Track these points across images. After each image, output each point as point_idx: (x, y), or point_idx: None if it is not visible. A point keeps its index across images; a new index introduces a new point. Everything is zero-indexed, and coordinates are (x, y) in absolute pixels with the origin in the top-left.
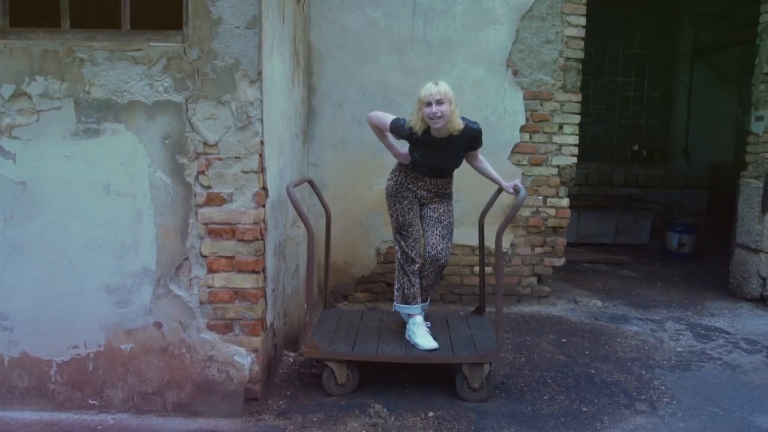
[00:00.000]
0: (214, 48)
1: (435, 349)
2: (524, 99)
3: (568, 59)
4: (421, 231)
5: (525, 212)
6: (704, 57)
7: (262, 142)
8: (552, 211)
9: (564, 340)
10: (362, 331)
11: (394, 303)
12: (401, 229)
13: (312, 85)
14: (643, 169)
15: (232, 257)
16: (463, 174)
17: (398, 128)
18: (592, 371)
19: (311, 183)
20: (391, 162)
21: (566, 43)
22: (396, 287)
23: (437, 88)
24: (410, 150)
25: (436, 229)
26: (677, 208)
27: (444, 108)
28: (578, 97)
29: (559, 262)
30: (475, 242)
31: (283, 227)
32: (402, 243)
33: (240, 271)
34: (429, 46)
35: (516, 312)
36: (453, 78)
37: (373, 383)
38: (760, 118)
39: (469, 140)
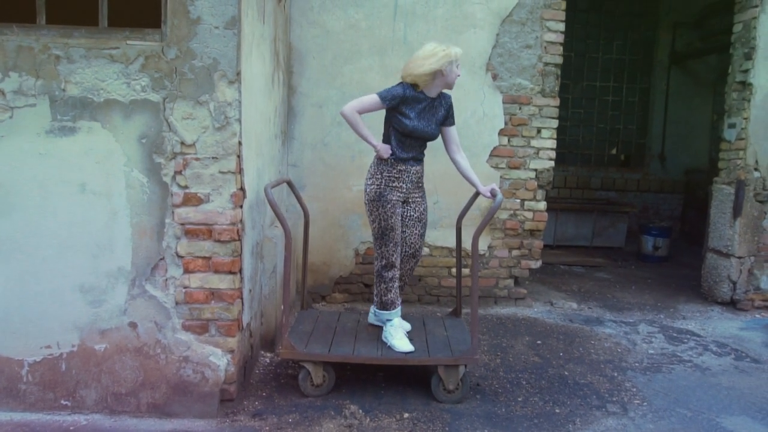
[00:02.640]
0: (193, 48)
1: (410, 352)
2: (503, 103)
3: (547, 64)
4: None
5: (502, 215)
6: (681, 64)
7: (240, 143)
8: (529, 214)
9: (539, 341)
10: (339, 332)
11: (372, 307)
12: (383, 235)
13: (292, 86)
14: (620, 173)
15: (209, 258)
16: (442, 175)
17: (390, 94)
18: (566, 373)
19: (290, 184)
20: (369, 163)
21: (545, 48)
22: (375, 292)
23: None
24: (395, 129)
25: (416, 229)
26: (653, 211)
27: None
28: (556, 102)
29: (536, 264)
30: (453, 244)
31: (261, 228)
32: (383, 248)
33: (216, 271)
34: (410, 49)
35: (493, 314)
36: None
37: (349, 384)
38: (732, 126)
39: (446, 108)
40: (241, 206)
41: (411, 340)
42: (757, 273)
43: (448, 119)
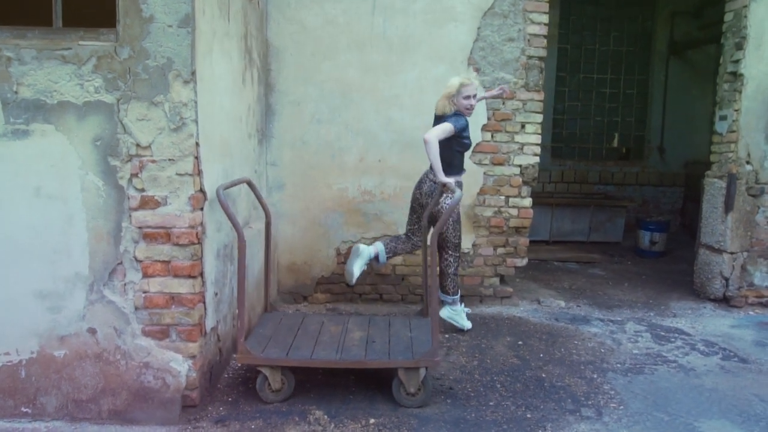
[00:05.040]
0: (146, 47)
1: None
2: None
3: (530, 57)
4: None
5: (487, 212)
6: (680, 54)
7: (197, 144)
8: (514, 211)
9: (520, 342)
10: (300, 336)
11: (450, 298)
12: (457, 248)
13: (270, 83)
14: (619, 167)
15: (168, 261)
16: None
17: (458, 122)
18: (544, 375)
19: (249, 184)
20: (350, 161)
21: (529, 41)
22: (451, 287)
23: (476, 83)
24: (456, 148)
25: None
26: (653, 205)
27: (476, 102)
28: (541, 96)
29: (522, 262)
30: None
31: (231, 229)
32: (455, 257)
33: (176, 275)
34: (389, 44)
35: (477, 313)
36: (413, 76)
37: (319, 388)
38: (723, 118)
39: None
40: (202, 209)
41: (373, 342)
42: (751, 269)
43: None
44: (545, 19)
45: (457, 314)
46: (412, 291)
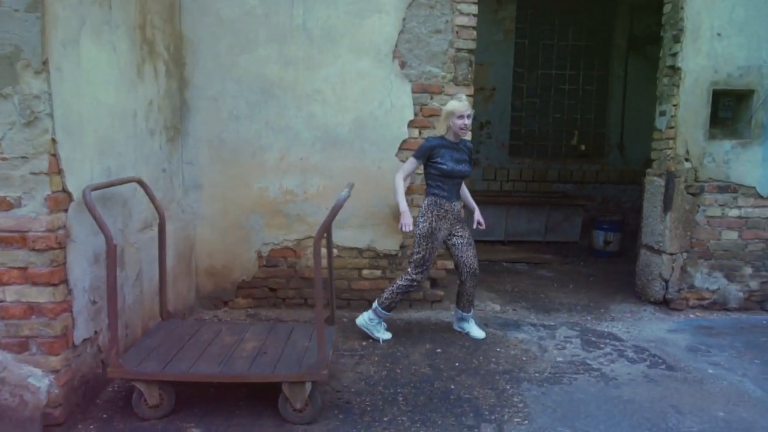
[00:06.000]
0: None
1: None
2: (413, 92)
3: (459, 50)
4: (457, 256)
5: (415, 212)
6: (639, 50)
7: (53, 140)
8: None
9: (439, 350)
10: (189, 346)
11: (376, 306)
12: (423, 263)
13: (185, 77)
14: (578, 165)
15: (25, 268)
16: (349, 171)
17: (426, 147)
18: (453, 387)
19: (140, 183)
20: (270, 159)
21: (457, 32)
22: (385, 296)
23: (466, 103)
24: (431, 172)
25: (469, 251)
26: (613, 203)
27: (470, 122)
28: (470, 90)
29: (452, 265)
30: (362, 244)
31: (121, 232)
32: (419, 274)
33: (34, 283)
34: (310, 36)
35: (404, 318)
36: (336, 70)
37: (204, 403)
38: (663, 113)
39: (467, 150)
40: (66, 210)
41: (264, 353)
42: (691, 270)
43: (469, 158)
44: (474, 9)
45: (372, 325)
46: (338, 296)
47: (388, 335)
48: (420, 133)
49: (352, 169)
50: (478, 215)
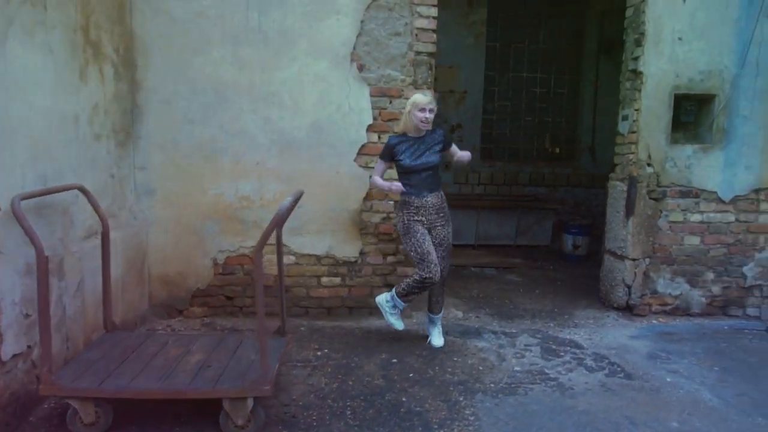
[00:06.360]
0: None
1: (402, 329)
2: (371, 96)
3: (418, 53)
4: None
5: (375, 218)
6: (610, 53)
7: None
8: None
9: (395, 360)
10: (131, 360)
11: (393, 292)
12: (422, 259)
13: (136, 80)
14: (550, 168)
15: None
16: (305, 177)
17: (387, 146)
18: (404, 399)
19: (82, 190)
20: (226, 164)
21: (416, 35)
22: (403, 286)
23: (431, 98)
24: (397, 170)
25: (438, 251)
26: (585, 207)
27: (432, 115)
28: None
29: (413, 271)
30: (320, 251)
31: (60, 242)
32: (426, 272)
33: None
34: (265, 38)
35: (364, 326)
36: (293, 72)
37: (146, 419)
38: (625, 118)
39: (440, 140)
40: None
41: (208, 367)
42: (654, 276)
43: (445, 147)
44: (434, 12)
45: (388, 307)
46: (296, 303)
47: (400, 325)
48: (379, 137)
49: (310, 174)
50: (459, 155)
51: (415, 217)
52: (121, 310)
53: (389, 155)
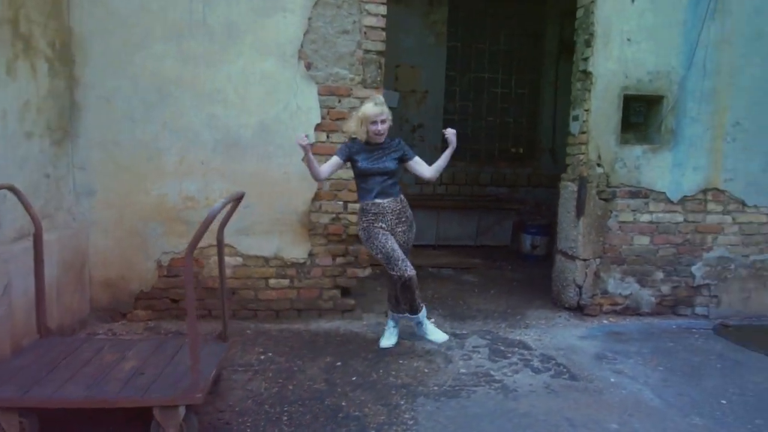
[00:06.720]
0: None
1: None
2: (319, 95)
3: (367, 51)
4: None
5: (324, 219)
6: (569, 55)
7: None
8: (354, 218)
9: (339, 363)
10: (61, 367)
11: (415, 318)
12: (389, 259)
13: (74, 76)
14: (512, 168)
15: None
16: (252, 177)
17: (347, 145)
18: (344, 403)
19: (13, 189)
20: (169, 163)
21: (365, 33)
22: (403, 302)
23: (383, 108)
24: (354, 174)
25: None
26: (545, 207)
27: (386, 126)
28: (379, 93)
29: (364, 272)
30: (269, 253)
31: None
32: (396, 269)
33: None
34: (210, 33)
35: (312, 329)
36: (238, 69)
37: (75, 429)
38: (576, 118)
39: (398, 149)
40: None
41: (141, 374)
42: (604, 276)
43: (404, 158)
44: (383, 10)
45: (427, 323)
46: (244, 306)
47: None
48: (328, 137)
49: (257, 173)
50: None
51: (375, 224)
52: (57, 314)
53: (345, 153)
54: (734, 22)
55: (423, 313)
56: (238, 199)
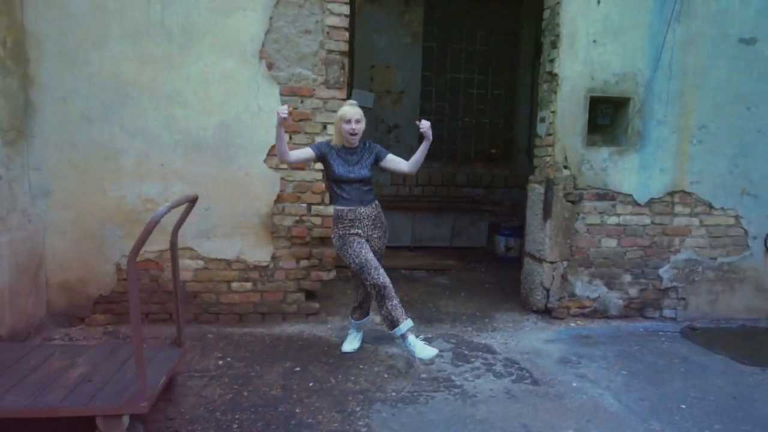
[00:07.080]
0: None
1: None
2: (281, 95)
3: (330, 51)
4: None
5: (287, 221)
6: None
7: None
8: (318, 220)
9: (298, 368)
10: (7, 374)
11: (398, 329)
12: (362, 268)
13: (30, 76)
14: (488, 169)
15: None
16: (213, 180)
17: (322, 143)
18: (298, 410)
19: None
20: (127, 165)
21: (328, 33)
22: (382, 314)
23: (357, 109)
24: (328, 178)
25: None
26: (521, 208)
27: (360, 126)
28: (343, 94)
29: (328, 275)
30: (230, 255)
31: None
32: (370, 278)
33: None
34: (169, 33)
35: (275, 333)
36: (198, 70)
37: None
38: (542, 120)
39: (371, 152)
40: None
41: (89, 381)
42: (572, 279)
43: (379, 158)
44: (345, 10)
45: (414, 340)
46: (206, 309)
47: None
48: (290, 138)
49: (218, 175)
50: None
51: (351, 230)
52: (10, 319)
53: (320, 149)
54: (699, 24)
55: (406, 325)
56: (191, 202)
